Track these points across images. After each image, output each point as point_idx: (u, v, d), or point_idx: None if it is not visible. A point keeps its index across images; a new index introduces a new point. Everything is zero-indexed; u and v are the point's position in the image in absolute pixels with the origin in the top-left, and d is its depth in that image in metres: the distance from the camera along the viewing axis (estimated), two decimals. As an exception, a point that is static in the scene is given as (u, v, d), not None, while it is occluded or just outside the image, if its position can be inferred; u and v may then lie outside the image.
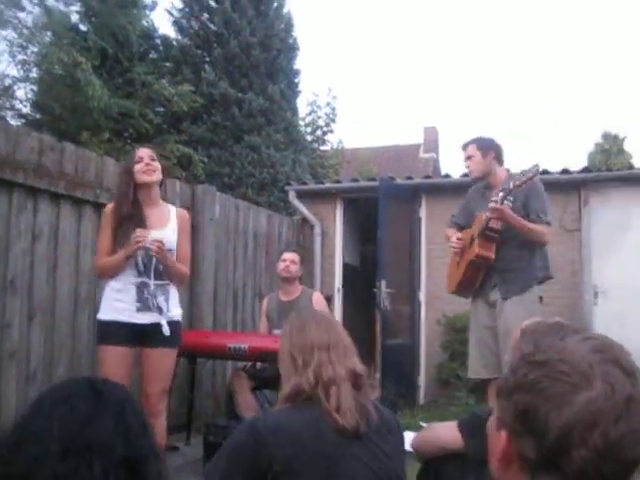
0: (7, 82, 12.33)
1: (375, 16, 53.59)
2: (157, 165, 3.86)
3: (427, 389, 7.97)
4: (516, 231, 4.37)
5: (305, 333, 2.25)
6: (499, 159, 4.65)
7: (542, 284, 4.64)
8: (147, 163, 3.80)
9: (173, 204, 5.37)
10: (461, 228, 4.82)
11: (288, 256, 5.61)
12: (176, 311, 3.90)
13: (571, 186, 7.60)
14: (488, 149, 4.58)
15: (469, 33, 54.36)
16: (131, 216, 3.74)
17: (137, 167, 3.79)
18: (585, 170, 7.71)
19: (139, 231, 3.64)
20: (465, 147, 4.66)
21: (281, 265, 5.59)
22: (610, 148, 20.41)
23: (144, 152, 3.86)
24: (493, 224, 4.34)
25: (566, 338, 1.05)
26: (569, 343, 1.04)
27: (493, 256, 4.41)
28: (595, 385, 0.97)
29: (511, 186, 4.17)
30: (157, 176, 3.87)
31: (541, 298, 4.68)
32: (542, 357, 1.03)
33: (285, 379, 2.20)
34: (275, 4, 13.30)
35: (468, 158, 4.61)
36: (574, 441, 0.96)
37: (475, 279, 4.56)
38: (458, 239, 4.62)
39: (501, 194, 4.16)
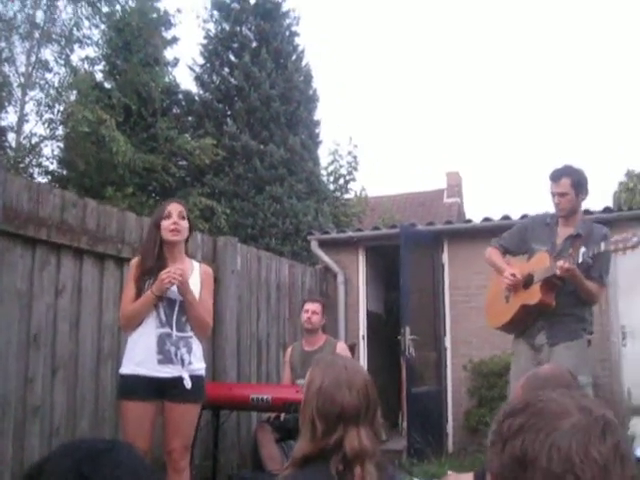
0: (34, 140, 12.64)
1: (395, 63, 54.22)
2: (185, 224, 3.88)
3: (455, 437, 7.85)
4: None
5: (335, 401, 2.02)
6: (585, 198, 4.41)
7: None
8: (175, 222, 3.81)
9: (194, 256, 5.45)
10: (507, 251, 4.66)
11: (310, 307, 5.61)
12: (199, 365, 3.88)
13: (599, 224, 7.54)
14: (582, 188, 4.32)
15: (491, 77, 54.76)
16: (153, 270, 3.76)
17: (165, 224, 3.80)
18: (607, 210, 7.66)
19: (165, 271, 3.67)
20: (557, 180, 4.30)
21: (303, 316, 5.61)
22: (634, 186, 20.23)
23: (174, 208, 3.86)
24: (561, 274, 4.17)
25: (538, 392, 1.18)
26: (541, 392, 1.16)
27: (554, 304, 4.25)
28: (573, 412, 1.07)
29: (602, 248, 4.00)
30: (182, 236, 3.89)
31: (589, 342, 4.47)
32: (520, 405, 1.13)
33: (301, 438, 2.07)
34: (294, 57, 13.56)
35: (561, 195, 4.28)
36: (576, 461, 1.02)
37: (527, 321, 4.40)
38: (513, 275, 4.36)
39: (583, 250, 4.01)
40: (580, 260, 4.03)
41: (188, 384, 3.73)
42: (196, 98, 13.44)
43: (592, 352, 6.94)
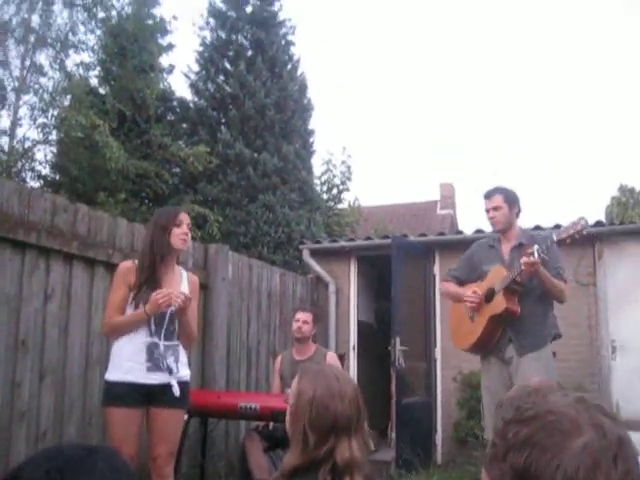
0: (27, 144, 12.61)
1: (390, 75, 54.44)
2: (190, 235, 3.90)
3: (444, 448, 7.83)
4: (533, 286, 4.33)
5: (328, 411, 2.00)
6: (519, 214, 4.64)
7: (553, 341, 4.59)
8: (186, 233, 3.82)
9: (186, 263, 5.44)
10: (460, 282, 4.76)
11: (301, 316, 5.59)
12: (184, 371, 3.89)
13: (585, 240, 7.55)
14: (514, 203, 4.56)
15: (485, 90, 54.98)
16: (150, 278, 3.75)
17: (177, 231, 3.79)
18: (598, 224, 7.67)
19: (161, 291, 3.64)
20: (490, 196, 4.57)
21: (294, 325, 5.59)
22: (627, 201, 20.35)
23: (185, 218, 3.85)
24: (519, 278, 4.27)
25: (548, 395, 1.08)
26: (551, 398, 1.07)
27: (519, 310, 4.35)
28: (586, 430, 0.99)
29: (554, 238, 4.13)
30: (187, 247, 3.92)
31: (554, 353, 4.61)
32: (529, 413, 1.05)
33: (292, 450, 2.03)
34: (289, 66, 13.56)
35: (495, 209, 4.52)
36: None
37: (495, 335, 4.46)
38: (474, 292, 4.49)
39: (536, 247, 4.09)
40: (536, 256, 4.08)
41: (177, 392, 3.73)
42: (191, 105, 13.40)
43: (581, 366, 7.02)
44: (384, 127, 51.67)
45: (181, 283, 3.90)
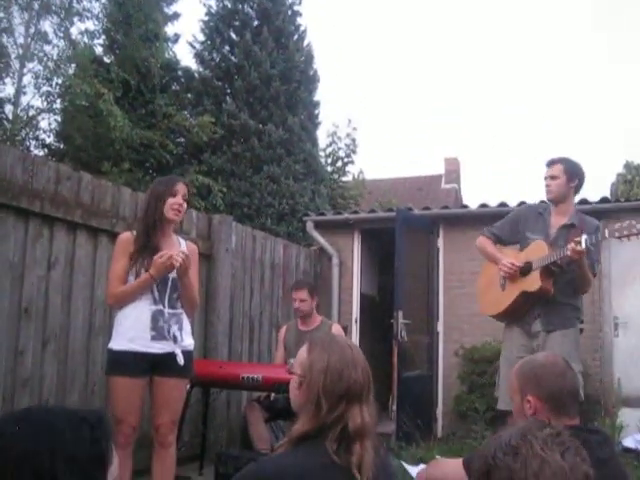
0: (31, 113, 12.58)
1: (396, 47, 54.08)
2: (185, 206, 3.87)
3: (445, 421, 7.87)
4: (569, 270, 4.26)
5: (342, 378, 2.01)
6: (578, 189, 4.50)
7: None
8: (181, 204, 3.79)
9: (189, 233, 5.43)
10: (499, 241, 4.66)
11: (297, 295, 5.58)
12: (188, 340, 3.87)
13: (590, 216, 7.53)
14: (574, 176, 4.41)
15: (493, 65, 54.62)
16: (148, 246, 3.74)
17: (171, 201, 3.76)
18: (604, 200, 7.63)
19: (161, 253, 3.62)
20: (551, 164, 4.43)
21: (294, 304, 5.61)
22: (632, 178, 20.21)
23: (182, 188, 3.82)
24: (560, 261, 4.20)
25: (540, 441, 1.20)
26: (544, 445, 1.21)
27: (553, 291, 4.29)
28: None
29: (607, 234, 4.02)
30: (181, 217, 3.90)
31: (581, 330, 4.56)
32: (515, 444, 1.19)
33: (303, 417, 2.02)
34: (295, 37, 13.46)
35: (552, 177, 4.39)
36: None
37: (523, 310, 4.41)
38: (512, 264, 4.39)
39: (585, 237, 3.98)
40: (583, 246, 4.00)
41: (181, 360, 3.72)
42: (196, 75, 13.34)
43: (584, 342, 7.02)
44: (390, 99, 51.42)
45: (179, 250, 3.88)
